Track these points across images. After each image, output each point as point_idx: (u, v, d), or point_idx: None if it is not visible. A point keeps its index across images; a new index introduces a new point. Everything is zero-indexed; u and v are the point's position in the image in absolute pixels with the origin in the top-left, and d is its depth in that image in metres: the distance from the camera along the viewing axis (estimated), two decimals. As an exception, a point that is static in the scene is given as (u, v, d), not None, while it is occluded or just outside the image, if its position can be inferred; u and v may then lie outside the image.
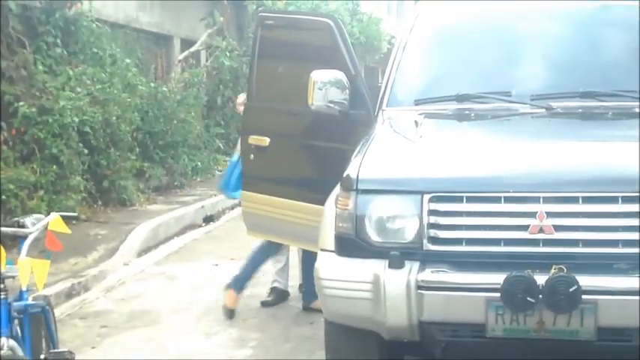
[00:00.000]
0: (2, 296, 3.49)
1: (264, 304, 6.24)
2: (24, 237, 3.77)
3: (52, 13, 10.14)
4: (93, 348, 5.53)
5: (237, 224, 9.39)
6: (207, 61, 15.49)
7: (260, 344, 5.42)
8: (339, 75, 4.77)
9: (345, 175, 3.88)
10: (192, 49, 14.84)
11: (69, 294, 6.79)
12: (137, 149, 11.11)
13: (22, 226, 3.82)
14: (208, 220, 10.60)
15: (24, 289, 3.86)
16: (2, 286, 3.50)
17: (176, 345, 5.63)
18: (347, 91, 4.73)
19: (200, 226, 10.28)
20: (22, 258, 3.64)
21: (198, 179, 12.95)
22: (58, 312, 6.10)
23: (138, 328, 5.98)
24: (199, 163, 13.04)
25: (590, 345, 3.47)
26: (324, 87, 4.69)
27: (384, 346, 3.96)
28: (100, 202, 10.01)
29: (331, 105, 4.71)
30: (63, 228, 3.94)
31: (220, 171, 12.87)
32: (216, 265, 7.89)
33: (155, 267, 8.04)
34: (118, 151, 10.19)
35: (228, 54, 15.28)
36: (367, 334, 3.87)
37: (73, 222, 8.23)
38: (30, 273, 3.64)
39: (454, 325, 3.63)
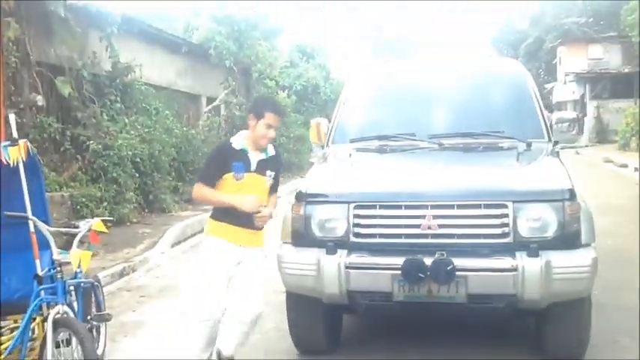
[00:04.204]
0: (59, 276, 4.42)
1: None
2: (75, 235, 4.66)
3: (114, 79, 12.89)
4: (133, 311, 6.93)
5: None
6: (224, 112, 19.67)
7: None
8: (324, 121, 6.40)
9: (298, 190, 5.01)
10: (214, 104, 19.17)
11: (121, 274, 8.39)
12: (173, 173, 14.01)
13: (76, 227, 4.84)
14: None
15: (77, 270, 4.63)
16: (59, 268, 4.44)
17: (193, 308, 6.81)
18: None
19: None
20: (73, 250, 4.50)
21: None
22: (113, 287, 7.77)
23: (166, 298, 7.43)
24: None
25: (464, 306, 4.54)
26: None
27: (324, 307, 4.95)
28: (146, 210, 12.63)
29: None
30: (102, 228, 4.80)
31: None
32: None
33: (182, 254, 9.91)
34: (159, 175, 13.05)
35: (238, 107, 19.37)
36: (313, 299, 4.89)
37: (127, 224, 10.89)
38: (79, 260, 4.45)
39: (371, 293, 4.66)
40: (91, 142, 11.38)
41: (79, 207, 10.10)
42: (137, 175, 12.21)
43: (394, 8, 57.50)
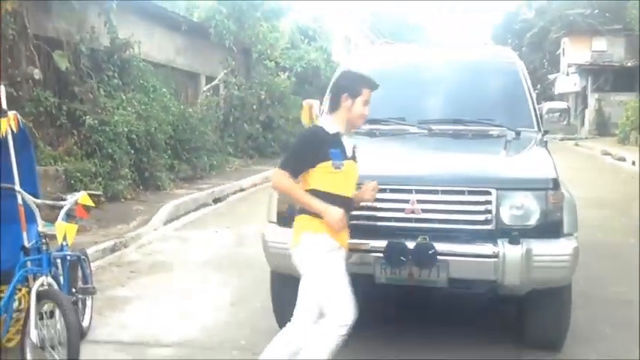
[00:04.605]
0: (44, 248, 4.47)
1: None
2: (61, 207, 4.74)
3: (112, 55, 12.89)
4: (122, 286, 6.99)
5: (236, 205, 12.49)
6: (223, 91, 19.70)
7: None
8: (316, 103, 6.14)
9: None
10: (213, 84, 19.14)
11: (113, 249, 8.48)
12: (169, 151, 13.88)
13: (63, 200, 4.83)
14: (217, 201, 13.01)
15: (64, 243, 4.69)
16: (45, 240, 4.48)
17: (181, 284, 7.06)
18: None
19: (210, 205, 12.65)
20: (59, 222, 4.57)
21: (214, 173, 15.73)
22: (103, 262, 7.89)
23: (156, 274, 7.53)
24: (215, 162, 16.19)
25: (445, 290, 4.62)
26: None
27: None
28: (141, 187, 12.60)
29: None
30: (89, 202, 4.86)
31: (230, 168, 16.70)
32: (216, 231, 9.85)
33: (174, 232, 10.04)
34: (155, 152, 13.00)
35: (237, 87, 19.56)
36: (296, 279, 4.62)
37: (122, 200, 11.07)
38: (64, 233, 4.49)
39: (354, 275, 4.43)
40: (87, 117, 11.40)
41: (73, 181, 10.17)
42: (133, 151, 12.27)
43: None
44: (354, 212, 4.60)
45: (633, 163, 20.95)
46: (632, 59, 35.08)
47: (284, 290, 5.16)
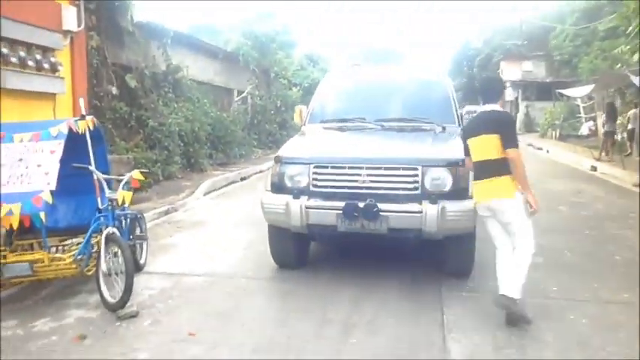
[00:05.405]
0: (109, 208, 4.70)
1: None
2: (121, 180, 5.02)
3: (167, 76, 13.17)
4: (170, 237, 7.13)
5: (256, 181, 12.45)
6: (250, 101, 19.83)
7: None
8: (304, 108, 6.39)
9: (276, 155, 5.19)
10: (242, 96, 19.43)
11: (166, 212, 8.69)
12: (209, 144, 14.22)
13: (123, 175, 5.05)
14: (243, 179, 13.18)
15: (125, 205, 4.93)
16: (111, 203, 4.69)
17: (211, 236, 7.19)
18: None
19: (238, 182, 12.80)
20: (119, 190, 4.84)
21: (242, 160, 16.09)
22: (159, 221, 8.09)
23: (194, 229, 7.65)
24: (243, 152, 16.50)
25: (386, 235, 4.73)
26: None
27: (293, 235, 5.19)
28: (188, 170, 12.87)
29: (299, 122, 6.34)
30: (140, 177, 5.06)
31: (255, 156, 16.91)
32: (240, 200, 10.02)
33: (210, 200, 10.16)
34: (198, 145, 13.34)
35: (259, 98, 19.91)
36: (284, 229, 5.10)
37: (174, 179, 11.33)
38: (123, 197, 4.75)
39: (323, 225, 4.85)
40: (150, 120, 11.63)
41: (139, 166, 10.26)
42: (182, 144, 12.50)
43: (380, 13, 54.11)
44: (323, 183, 4.83)
45: (547, 151, 21.04)
46: (549, 77, 34.94)
47: (276, 238, 5.34)
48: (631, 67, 14.19)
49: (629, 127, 17.23)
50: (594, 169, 14.80)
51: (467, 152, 4.45)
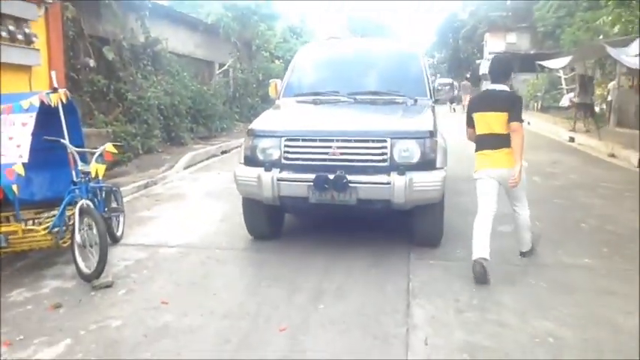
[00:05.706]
0: (83, 181, 4.74)
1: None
2: (94, 153, 4.98)
3: (146, 48, 12.91)
4: (148, 210, 7.16)
5: (237, 155, 12.16)
6: (231, 74, 19.45)
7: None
8: (279, 81, 6.38)
9: (248, 127, 5.23)
10: (223, 69, 18.93)
11: (145, 186, 8.69)
12: (189, 117, 14.03)
13: (96, 149, 5.01)
14: (224, 152, 13.09)
15: (99, 177, 4.93)
16: (83, 176, 4.73)
17: (188, 208, 7.24)
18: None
19: (218, 155, 12.74)
20: (92, 163, 4.85)
21: (224, 133, 15.88)
22: (138, 194, 8.10)
23: (172, 202, 7.68)
24: (225, 125, 16.25)
25: (355, 206, 4.81)
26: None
27: (266, 207, 5.23)
28: (168, 143, 12.74)
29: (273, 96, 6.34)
30: (113, 150, 5.10)
31: (236, 130, 16.67)
32: (219, 173, 10.03)
33: (190, 174, 10.14)
34: (178, 118, 13.21)
35: (241, 71, 19.51)
36: (257, 201, 5.14)
37: (154, 152, 11.19)
38: (96, 170, 4.78)
39: (294, 197, 4.90)
40: (129, 93, 11.53)
41: (118, 139, 10.31)
42: (162, 118, 12.41)
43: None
44: (294, 156, 4.89)
45: (529, 123, 21.15)
46: (533, 49, 34.99)
47: (250, 210, 5.40)
48: (611, 38, 14.31)
49: (609, 98, 17.45)
50: (572, 139, 15.05)
51: (470, 124, 4.80)
